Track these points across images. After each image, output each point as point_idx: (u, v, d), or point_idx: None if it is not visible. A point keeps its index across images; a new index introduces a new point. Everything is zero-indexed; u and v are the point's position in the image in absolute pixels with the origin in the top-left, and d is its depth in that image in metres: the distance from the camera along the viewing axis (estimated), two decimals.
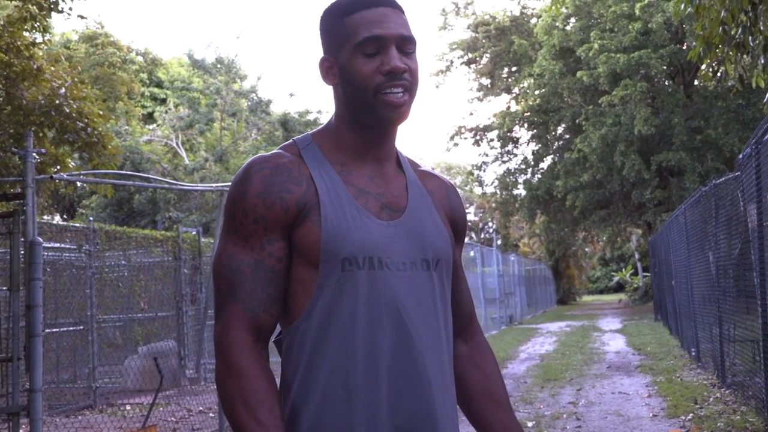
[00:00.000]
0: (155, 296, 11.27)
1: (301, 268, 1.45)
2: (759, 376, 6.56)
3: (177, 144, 25.11)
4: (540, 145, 31.92)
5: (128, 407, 9.14)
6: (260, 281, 1.43)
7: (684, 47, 24.32)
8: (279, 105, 28.92)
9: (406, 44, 1.49)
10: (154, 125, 27.41)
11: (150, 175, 14.20)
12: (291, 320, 1.47)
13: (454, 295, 1.64)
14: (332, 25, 1.53)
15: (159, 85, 31.80)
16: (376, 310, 1.43)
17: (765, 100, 8.67)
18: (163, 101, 30.07)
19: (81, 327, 9.82)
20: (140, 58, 32.72)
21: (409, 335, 1.44)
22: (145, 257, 11.43)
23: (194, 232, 11.91)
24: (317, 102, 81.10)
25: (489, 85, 34.31)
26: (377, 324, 1.43)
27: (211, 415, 8.19)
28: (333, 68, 1.53)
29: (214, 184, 9.69)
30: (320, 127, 1.60)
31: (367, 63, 1.47)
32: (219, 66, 25.77)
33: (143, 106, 30.79)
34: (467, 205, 57.77)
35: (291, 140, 1.58)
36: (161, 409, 8.44)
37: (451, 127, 35.14)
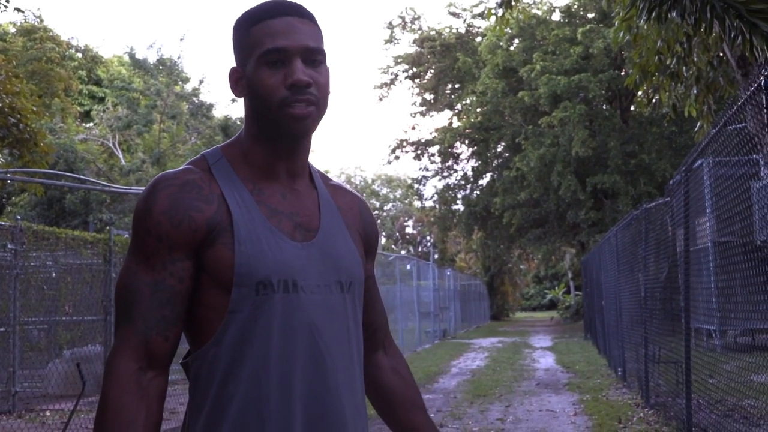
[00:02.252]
0: (82, 299, 10.99)
1: (212, 291, 1.40)
2: (681, 398, 6.72)
3: (114, 144, 24.62)
4: (480, 162, 32.31)
5: (48, 413, 8.87)
6: (157, 302, 1.37)
7: (622, 73, 24.94)
8: (221, 110, 28.63)
9: (312, 55, 1.45)
10: (91, 124, 26.83)
11: (82, 176, 13.88)
12: (200, 344, 1.42)
13: (370, 310, 1.66)
14: (240, 36, 1.49)
15: (98, 83, 31.18)
16: (291, 334, 1.40)
17: (696, 128, 8.93)
18: (102, 100, 29.48)
19: (2, 329, 9.51)
20: (80, 55, 32.04)
21: (323, 360, 1.42)
22: (74, 259, 11.14)
23: (126, 235, 11.65)
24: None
25: (432, 100, 34.59)
26: (291, 349, 1.40)
27: None
28: (241, 80, 1.49)
29: (143, 187, 9.50)
30: (230, 140, 1.56)
31: (272, 75, 1.43)
32: (161, 67, 25.40)
33: (80, 104, 30.13)
34: (406, 219, 58.00)
35: (200, 155, 1.53)
36: (83, 416, 8.21)
37: (393, 140, 35.42)
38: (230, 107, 36.46)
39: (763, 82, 3.49)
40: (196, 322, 1.42)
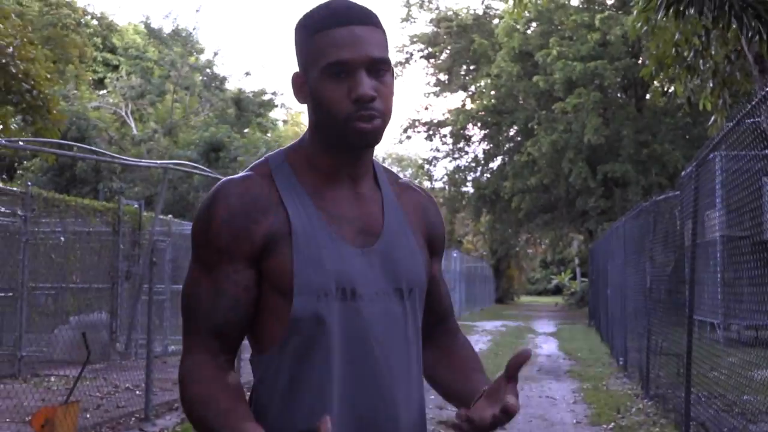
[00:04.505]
0: (90, 267, 11.07)
1: (273, 297, 1.40)
2: (680, 390, 6.74)
3: (126, 113, 24.65)
4: (491, 145, 32.22)
5: (53, 378, 8.97)
6: (222, 308, 1.39)
7: (639, 61, 24.76)
8: (234, 83, 28.58)
9: (377, 65, 1.41)
10: (104, 91, 26.86)
11: (93, 147, 13.91)
12: (264, 349, 1.43)
13: (439, 302, 1.63)
14: (302, 42, 1.45)
15: (112, 51, 31.15)
16: (350, 344, 1.40)
17: (710, 122, 8.88)
18: (116, 68, 29.46)
19: (11, 294, 9.59)
20: (95, 22, 31.99)
21: (380, 372, 1.41)
22: (83, 227, 11.21)
23: (136, 205, 11.72)
24: (273, 83, 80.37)
25: (446, 81, 34.46)
26: (351, 360, 1.40)
27: (137, 392, 8.08)
28: (304, 86, 1.46)
29: (158, 161, 9.52)
30: (294, 142, 1.54)
31: (336, 88, 1.39)
32: (176, 38, 25.36)
33: (94, 71, 30.12)
34: None
35: (264, 158, 1.52)
36: (87, 383, 8.30)
37: (405, 119, 35.35)
38: (243, 81, 36.44)
39: None
40: (258, 327, 1.43)
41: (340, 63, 1.38)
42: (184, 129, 23.14)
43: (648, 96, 26.58)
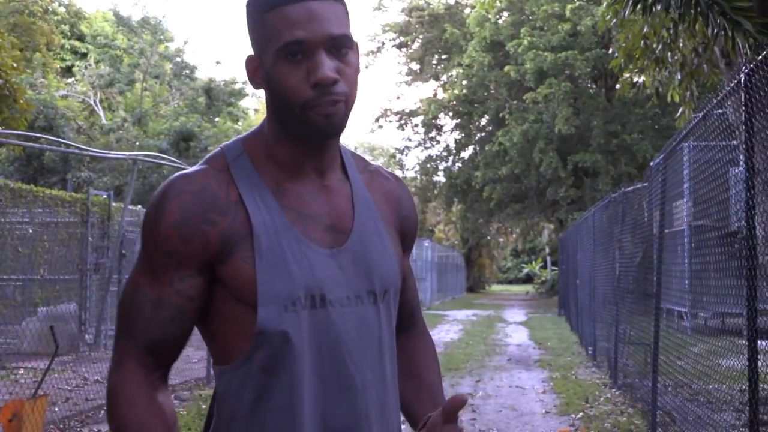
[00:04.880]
0: (59, 259, 10.95)
1: (234, 306, 1.28)
2: (648, 380, 6.84)
3: (95, 102, 24.35)
4: (463, 135, 32.32)
5: (21, 371, 8.88)
6: (161, 320, 1.27)
7: (609, 52, 24.94)
8: (204, 71, 28.34)
9: (337, 44, 1.27)
10: (72, 80, 26.49)
11: (61, 138, 13.72)
12: (227, 360, 1.30)
13: (407, 297, 1.56)
14: (253, 21, 1.31)
15: (81, 38, 30.72)
16: (321, 354, 1.29)
17: (678, 114, 8.98)
18: (84, 56, 29.08)
19: None
20: (63, 9, 31.53)
21: (353, 383, 1.31)
22: (51, 217, 11.07)
23: (105, 196, 11.60)
24: (244, 72, 79.76)
25: (418, 71, 34.49)
26: (321, 371, 1.29)
27: (106, 384, 8.04)
28: (259, 71, 1.33)
29: (126, 152, 9.42)
30: (252, 130, 1.40)
31: (292, 71, 1.26)
32: (145, 26, 25.09)
33: (62, 59, 29.71)
34: None
35: (219, 149, 1.37)
36: (56, 375, 8.24)
37: (377, 108, 35.32)
38: (214, 69, 36.11)
39: (743, 79, 3.52)
40: (219, 337, 1.31)
41: (295, 43, 1.25)
42: (153, 118, 22.92)
43: (619, 82, 26.81)
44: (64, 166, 19.77)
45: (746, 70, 3.50)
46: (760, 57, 3.35)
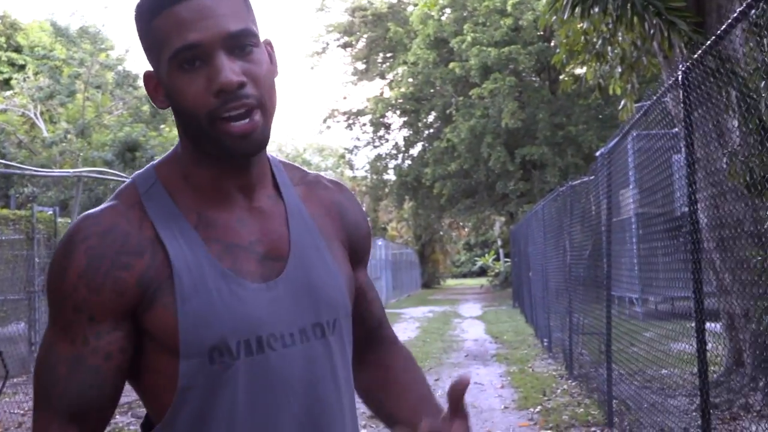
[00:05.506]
0: (4, 279, 10.70)
1: (160, 356, 1.12)
2: (602, 369, 6.95)
3: (35, 115, 23.85)
4: (411, 132, 32.49)
5: None
6: (80, 384, 1.10)
7: (552, 44, 25.28)
8: None
9: (238, 41, 1.10)
10: (9, 93, 25.89)
11: (1, 161, 13.38)
12: (157, 415, 1.16)
13: (370, 311, 1.39)
14: (143, 32, 1.15)
15: (17, 50, 30.04)
16: (261, 406, 1.13)
17: (621, 106, 9.15)
18: (22, 67, 28.44)
19: None
20: None
21: (303, 429, 1.16)
22: None
23: (50, 212, 11.37)
24: None
25: (364, 70, 34.51)
26: (262, 425, 1.13)
27: None
28: (159, 87, 1.16)
29: (70, 170, 9.25)
30: (166, 155, 1.23)
31: (191, 81, 1.10)
32: (84, 35, 24.64)
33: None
34: None
35: (131, 179, 1.21)
36: (7, 399, 8.05)
37: (324, 109, 35.26)
38: None
39: (680, 76, 3.60)
40: (150, 391, 1.16)
41: (188, 47, 1.09)
42: (97, 129, 22.53)
43: (561, 78, 27.20)
44: (6, 182, 19.33)
45: (683, 68, 3.58)
46: (695, 56, 3.43)
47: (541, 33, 25.82)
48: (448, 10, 28.67)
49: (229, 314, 1.11)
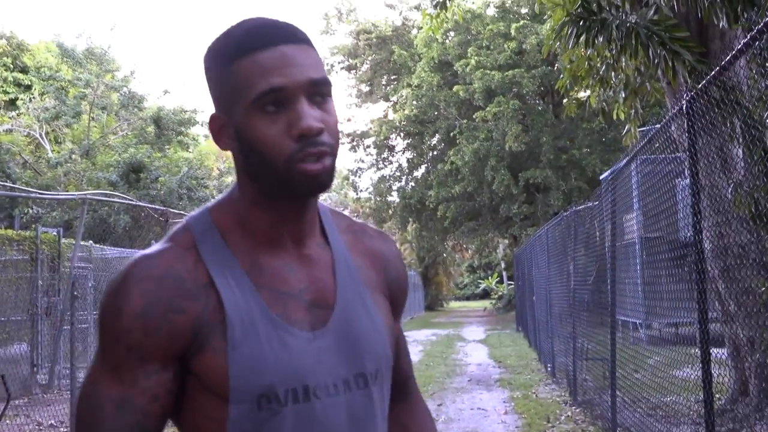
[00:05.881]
0: (7, 300, 10.69)
1: (207, 397, 1.14)
2: (606, 395, 6.91)
3: (41, 135, 23.94)
4: (415, 155, 32.55)
5: None
6: (124, 423, 1.11)
7: (555, 67, 25.38)
8: (153, 101, 27.99)
9: (318, 89, 1.14)
10: (14, 113, 26.02)
11: (5, 183, 13.43)
12: None
13: (400, 362, 1.44)
14: (217, 74, 1.17)
15: (24, 71, 30.25)
16: None
17: (624, 131, 9.16)
18: (28, 88, 28.61)
19: None
20: (4, 41, 31.00)
21: None
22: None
23: (54, 233, 11.38)
24: (192, 100, 79.37)
25: (368, 92, 34.65)
26: None
27: (62, 429, 7.85)
28: (226, 129, 1.18)
29: (75, 192, 9.25)
30: (220, 199, 1.25)
31: (271, 125, 1.12)
32: (90, 57, 24.79)
33: (5, 92, 29.18)
34: (342, 209, 57.90)
35: (184, 221, 1.22)
36: (8, 422, 8.02)
37: None
38: (162, 98, 35.75)
39: (685, 106, 3.61)
40: (191, 430, 1.18)
41: (273, 91, 1.11)
42: (102, 150, 22.61)
43: (565, 102, 27.26)
44: (10, 203, 19.37)
45: (688, 98, 3.59)
46: (699, 86, 3.44)
47: (545, 57, 25.92)
48: (452, 34, 28.81)
49: (279, 362, 1.14)
